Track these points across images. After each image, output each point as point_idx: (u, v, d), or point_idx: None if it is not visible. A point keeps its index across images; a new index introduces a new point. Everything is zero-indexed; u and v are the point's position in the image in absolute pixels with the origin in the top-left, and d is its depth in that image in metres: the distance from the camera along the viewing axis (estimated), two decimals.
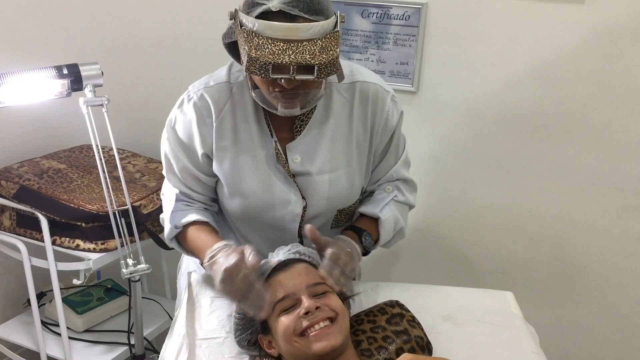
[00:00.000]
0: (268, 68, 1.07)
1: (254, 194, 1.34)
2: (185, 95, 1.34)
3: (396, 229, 1.42)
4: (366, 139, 1.36)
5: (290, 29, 1.07)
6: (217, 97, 1.31)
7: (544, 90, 1.74)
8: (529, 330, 1.41)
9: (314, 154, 1.33)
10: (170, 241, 1.41)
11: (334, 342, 1.09)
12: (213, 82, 1.32)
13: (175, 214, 1.38)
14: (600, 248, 1.82)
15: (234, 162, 1.33)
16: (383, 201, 1.41)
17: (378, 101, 1.35)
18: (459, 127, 1.87)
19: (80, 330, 2.00)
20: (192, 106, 1.31)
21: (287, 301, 1.14)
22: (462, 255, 1.99)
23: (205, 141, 1.32)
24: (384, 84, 1.38)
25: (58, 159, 2.04)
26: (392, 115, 1.37)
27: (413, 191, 1.50)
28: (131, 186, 1.92)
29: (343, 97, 1.34)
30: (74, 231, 1.80)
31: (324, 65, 1.08)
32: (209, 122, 1.31)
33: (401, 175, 1.45)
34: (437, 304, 1.46)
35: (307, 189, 1.35)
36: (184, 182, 1.38)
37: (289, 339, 1.11)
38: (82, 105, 1.45)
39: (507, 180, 1.86)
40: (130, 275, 1.42)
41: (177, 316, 1.36)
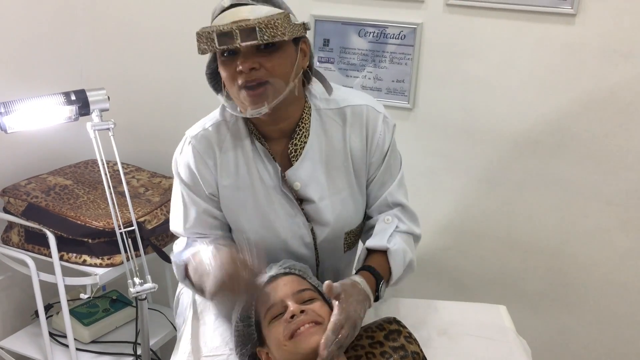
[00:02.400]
0: (213, 37, 1.15)
1: (255, 228, 1.36)
2: (183, 141, 1.38)
3: (406, 262, 1.37)
4: (363, 158, 1.38)
5: (236, 11, 1.18)
6: (214, 137, 1.35)
7: (536, 107, 1.79)
8: (521, 344, 1.46)
9: (313, 180, 1.35)
10: (183, 280, 1.39)
11: (319, 339, 1.12)
12: (209, 124, 1.36)
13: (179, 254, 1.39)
14: (591, 260, 1.87)
15: (235, 199, 1.36)
16: (387, 232, 1.37)
17: (370, 124, 1.37)
18: (453, 143, 1.91)
19: (86, 342, 2.05)
20: (191, 150, 1.35)
21: (275, 309, 1.20)
22: (457, 266, 2.04)
23: (208, 182, 1.36)
24: (375, 103, 1.39)
25: (64, 175, 2.09)
26: (384, 136, 1.38)
27: (414, 220, 1.45)
28: (135, 201, 1.97)
29: (334, 122, 1.36)
30: (80, 247, 1.85)
31: (264, 24, 1.14)
32: (210, 164, 1.35)
33: (397, 199, 1.42)
34: (433, 318, 1.51)
35: (311, 215, 1.38)
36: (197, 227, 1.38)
37: (279, 344, 1.16)
38: (90, 130, 1.50)
39: (500, 194, 1.91)
40: (137, 294, 1.47)
41: (182, 333, 1.42)
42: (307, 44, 1.30)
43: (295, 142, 1.34)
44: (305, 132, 1.34)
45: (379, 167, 1.41)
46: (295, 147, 1.34)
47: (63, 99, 1.48)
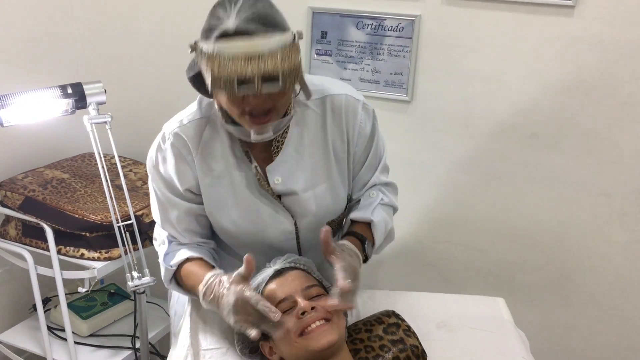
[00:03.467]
0: (233, 84, 1.07)
1: (237, 224, 1.36)
2: (160, 136, 1.36)
3: (386, 230, 1.44)
4: (344, 149, 1.39)
5: (250, 45, 1.08)
6: (192, 134, 1.33)
7: (534, 99, 1.79)
8: (519, 336, 1.46)
9: (294, 173, 1.35)
10: (168, 283, 1.41)
11: (330, 338, 1.14)
12: (187, 120, 1.34)
13: (168, 255, 1.39)
14: (589, 252, 1.87)
15: (215, 196, 1.36)
16: (371, 205, 1.43)
17: (349, 112, 1.37)
18: (452, 135, 1.91)
19: (85, 335, 2.05)
20: (169, 146, 1.33)
21: (284, 304, 1.20)
22: (455, 259, 2.04)
23: (186, 178, 1.34)
24: (353, 92, 1.40)
25: (61, 169, 2.08)
26: (364, 124, 1.39)
27: (395, 193, 1.52)
28: (133, 195, 1.97)
29: (315, 112, 1.36)
30: (78, 241, 1.84)
31: (287, 72, 1.09)
32: (189, 159, 1.33)
33: (381, 180, 1.47)
34: (432, 311, 1.51)
35: (293, 208, 1.38)
36: (174, 223, 1.39)
37: (289, 340, 1.17)
38: (87, 123, 1.50)
39: (499, 187, 1.91)
40: (135, 288, 1.47)
41: (181, 326, 1.42)
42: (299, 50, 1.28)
43: (278, 138, 1.33)
44: (285, 128, 1.34)
45: (365, 154, 1.43)
46: (277, 142, 1.34)
47: (59, 92, 1.48)
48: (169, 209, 1.38)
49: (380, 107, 1.93)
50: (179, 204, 1.37)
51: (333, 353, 1.17)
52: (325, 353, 1.16)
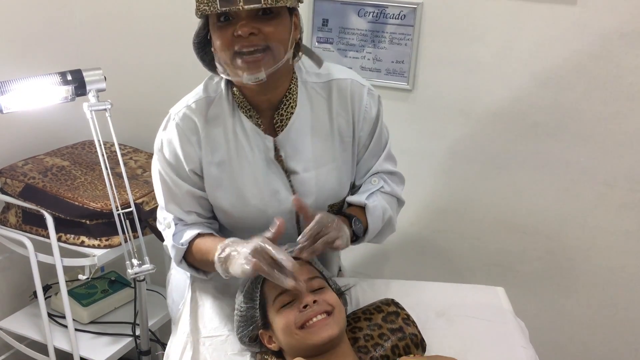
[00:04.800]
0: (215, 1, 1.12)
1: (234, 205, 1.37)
2: (166, 118, 1.37)
3: (384, 218, 1.43)
4: (350, 134, 1.39)
5: None
6: (198, 114, 1.34)
7: (536, 88, 1.78)
8: (519, 325, 1.46)
9: (298, 151, 1.35)
10: (180, 263, 1.42)
11: (331, 332, 1.15)
12: (192, 101, 1.35)
13: (176, 235, 1.40)
14: (590, 242, 1.87)
15: (217, 175, 1.36)
16: (369, 191, 1.43)
17: (355, 97, 1.38)
18: (453, 124, 1.91)
19: (85, 322, 2.05)
20: (174, 127, 1.34)
21: (286, 296, 1.20)
22: (455, 248, 2.04)
23: (191, 159, 1.35)
24: (359, 77, 1.41)
25: (61, 156, 2.08)
26: (370, 109, 1.39)
27: (400, 183, 1.51)
28: (133, 182, 1.96)
29: (320, 95, 1.37)
30: (78, 228, 1.84)
31: None
32: (193, 140, 1.34)
33: (385, 168, 1.46)
34: (431, 300, 1.51)
35: (295, 187, 1.38)
36: (179, 204, 1.39)
37: (290, 332, 1.17)
38: (86, 110, 1.49)
39: (499, 176, 1.91)
40: (135, 275, 1.47)
41: (181, 314, 1.42)
42: (299, 18, 1.29)
43: (281, 112, 1.33)
44: (292, 103, 1.34)
45: (369, 139, 1.43)
46: (281, 117, 1.34)
47: (59, 79, 1.47)
48: (173, 190, 1.38)
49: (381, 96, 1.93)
50: (182, 185, 1.37)
51: (333, 346, 1.18)
52: (326, 346, 1.16)
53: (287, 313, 1.18)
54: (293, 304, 1.19)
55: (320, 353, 1.17)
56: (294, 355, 1.21)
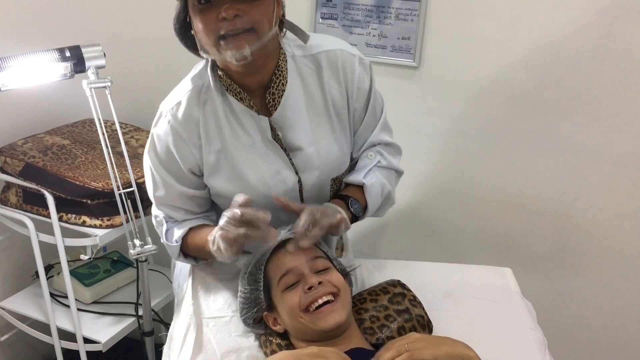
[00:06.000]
0: None
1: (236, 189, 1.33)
2: (157, 117, 1.33)
3: (383, 194, 1.42)
4: (344, 105, 1.36)
5: None
6: (191, 109, 1.30)
7: (545, 66, 1.74)
8: (526, 307, 1.45)
9: (295, 128, 1.33)
10: (177, 258, 1.41)
11: (339, 318, 1.13)
12: (183, 96, 1.31)
13: (168, 232, 1.39)
14: (598, 222, 1.84)
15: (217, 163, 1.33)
16: (366, 168, 1.41)
17: (347, 67, 1.34)
18: (460, 103, 1.87)
19: (88, 302, 2.04)
20: (167, 125, 1.30)
21: (290, 277, 1.18)
22: (461, 228, 2.02)
23: (186, 158, 1.32)
24: (348, 47, 1.37)
25: (62, 135, 2.05)
26: (362, 79, 1.36)
27: (397, 154, 1.49)
28: (135, 162, 1.94)
29: (309, 69, 1.33)
30: (80, 208, 1.82)
31: None
32: (187, 139, 1.30)
33: (382, 139, 1.44)
34: (438, 281, 1.49)
35: (297, 164, 1.35)
36: (171, 203, 1.38)
37: (294, 314, 1.15)
38: (86, 88, 1.46)
39: (507, 155, 1.88)
40: (137, 256, 1.45)
41: (184, 295, 1.40)
42: None
43: (272, 91, 1.30)
44: (282, 80, 1.30)
45: (364, 111, 1.40)
46: (273, 96, 1.30)
47: (57, 56, 1.43)
48: (165, 189, 1.36)
49: (386, 73, 1.90)
50: (175, 186, 1.35)
51: (342, 331, 1.16)
52: (334, 332, 1.14)
53: (291, 295, 1.16)
54: (297, 285, 1.17)
55: (328, 338, 1.15)
56: (299, 338, 1.19)
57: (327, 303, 1.15)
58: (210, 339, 1.27)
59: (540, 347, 1.32)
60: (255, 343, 1.28)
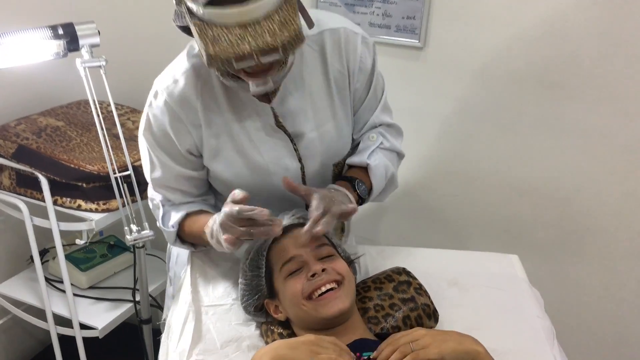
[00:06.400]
0: (230, 61, 0.99)
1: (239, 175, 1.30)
2: (152, 94, 1.26)
3: (387, 176, 1.38)
4: (345, 85, 1.32)
5: (243, 13, 0.98)
6: (188, 89, 1.23)
7: (554, 46, 1.69)
8: (534, 295, 1.42)
9: (297, 113, 1.28)
10: (173, 243, 1.38)
11: (342, 305, 1.10)
12: (179, 73, 1.24)
13: (165, 216, 1.35)
14: (606, 208, 1.81)
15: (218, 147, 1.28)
16: (369, 149, 1.37)
17: (349, 46, 1.29)
18: (465, 84, 1.82)
19: (84, 287, 2.01)
20: (163, 105, 1.24)
21: (293, 264, 1.15)
22: (465, 214, 1.98)
23: (184, 139, 1.26)
24: (351, 25, 1.32)
25: (56, 116, 2.00)
26: (365, 59, 1.32)
27: (398, 136, 1.45)
28: (131, 144, 1.88)
29: (312, 49, 1.28)
30: (75, 191, 1.77)
31: (287, 42, 1.00)
32: (185, 119, 1.24)
33: (383, 121, 1.40)
34: (443, 268, 1.46)
35: (299, 150, 1.31)
36: (168, 185, 1.33)
37: (296, 302, 1.12)
38: (80, 67, 1.41)
39: (513, 139, 1.83)
40: (134, 242, 1.41)
41: (183, 283, 1.36)
42: None
43: None
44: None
45: (366, 91, 1.36)
46: None
47: (50, 33, 1.38)
48: (162, 171, 1.31)
49: (390, 54, 1.85)
50: (173, 167, 1.30)
51: (345, 319, 1.12)
52: (337, 320, 1.11)
53: (294, 282, 1.12)
54: (300, 272, 1.14)
55: (330, 326, 1.12)
56: (301, 327, 1.16)
57: (331, 290, 1.11)
58: (209, 327, 1.24)
59: (548, 336, 1.28)
60: (256, 332, 1.25)
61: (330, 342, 0.99)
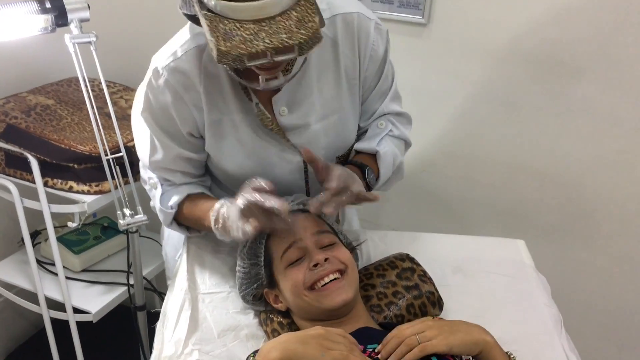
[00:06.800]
0: (242, 59, 0.92)
1: (241, 166, 1.25)
2: (152, 72, 1.19)
3: (395, 164, 1.34)
4: (356, 73, 1.26)
5: (258, 8, 0.92)
6: (190, 67, 1.16)
7: (562, 25, 1.63)
8: (540, 281, 1.38)
9: (303, 103, 1.22)
10: (170, 225, 1.32)
11: (346, 296, 1.06)
12: (181, 51, 1.16)
13: (163, 196, 1.28)
14: (614, 190, 1.76)
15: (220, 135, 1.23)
16: (378, 136, 1.32)
17: (362, 33, 1.23)
18: (470, 62, 1.76)
19: (77, 270, 1.96)
20: (164, 84, 1.17)
21: (294, 251, 1.10)
22: (469, 196, 1.94)
23: (185, 120, 1.20)
24: (365, 9, 1.26)
25: (46, 94, 1.93)
26: (377, 46, 1.25)
27: (407, 124, 1.40)
28: (124, 124, 1.83)
29: (326, 35, 1.20)
30: (66, 172, 1.72)
31: (304, 41, 0.93)
32: (187, 99, 1.18)
33: (392, 109, 1.35)
34: (447, 254, 1.42)
35: (301, 143, 1.25)
36: (167, 166, 1.27)
37: (298, 293, 1.07)
38: (69, 43, 1.34)
39: (518, 119, 1.78)
40: (127, 226, 1.36)
41: (178, 269, 1.32)
42: None
43: None
44: None
45: (376, 80, 1.30)
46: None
47: (37, 7, 1.31)
48: (162, 152, 1.25)
49: (393, 31, 1.75)
50: (173, 148, 1.24)
51: (349, 310, 1.08)
52: (340, 311, 1.06)
53: (295, 272, 1.08)
54: (302, 261, 1.09)
55: (334, 317, 1.07)
56: (302, 317, 1.12)
57: (334, 280, 1.06)
58: (206, 316, 1.20)
59: (555, 325, 1.25)
60: (255, 320, 1.21)
61: (340, 334, 0.95)
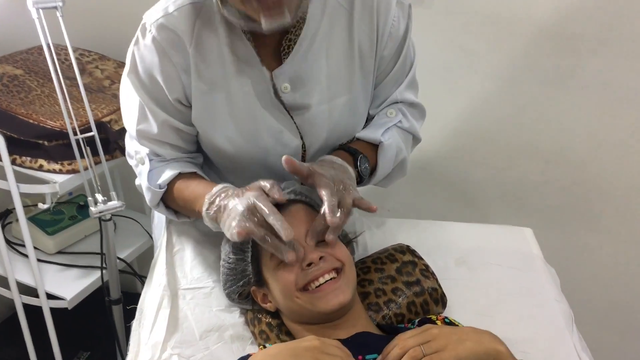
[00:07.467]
0: None
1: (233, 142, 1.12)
2: (140, 29, 1.06)
3: (397, 159, 1.22)
4: (372, 53, 1.13)
5: None
6: (181, 25, 1.04)
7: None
8: (549, 274, 1.30)
9: (307, 80, 1.10)
10: (157, 207, 1.18)
11: (343, 298, 0.95)
12: (173, 7, 1.04)
13: (152, 173, 1.15)
14: (622, 172, 1.70)
15: (210, 106, 1.10)
16: (385, 125, 1.20)
17: (382, 7, 1.10)
18: (474, 34, 1.66)
19: (52, 252, 1.84)
20: (151, 42, 1.05)
21: None
22: (470, 178, 1.86)
23: (174, 85, 1.07)
24: None
25: (14, 63, 1.78)
26: (398, 23, 1.13)
27: (420, 118, 1.28)
28: (99, 96, 1.69)
29: (340, 6, 1.09)
30: (35, 150, 1.58)
31: None
32: (177, 61, 1.05)
33: (406, 98, 1.23)
34: (450, 244, 1.33)
35: (302, 125, 1.14)
36: (155, 136, 1.13)
37: (289, 294, 0.96)
38: (31, 8, 1.20)
39: (525, 95, 1.69)
40: (100, 214, 1.23)
41: (157, 261, 1.20)
42: None
43: (290, 37, 1.07)
44: (301, 22, 1.06)
45: (393, 62, 1.17)
46: (289, 42, 1.07)
47: None
48: (149, 119, 1.12)
49: None
50: (159, 114, 1.11)
51: (345, 312, 0.97)
52: (336, 314, 0.96)
53: (286, 272, 0.96)
54: None
55: (328, 320, 0.97)
56: (293, 320, 1.01)
57: (329, 280, 0.95)
58: (187, 314, 1.09)
59: (567, 322, 1.17)
60: (241, 320, 1.11)
61: (336, 346, 0.85)
